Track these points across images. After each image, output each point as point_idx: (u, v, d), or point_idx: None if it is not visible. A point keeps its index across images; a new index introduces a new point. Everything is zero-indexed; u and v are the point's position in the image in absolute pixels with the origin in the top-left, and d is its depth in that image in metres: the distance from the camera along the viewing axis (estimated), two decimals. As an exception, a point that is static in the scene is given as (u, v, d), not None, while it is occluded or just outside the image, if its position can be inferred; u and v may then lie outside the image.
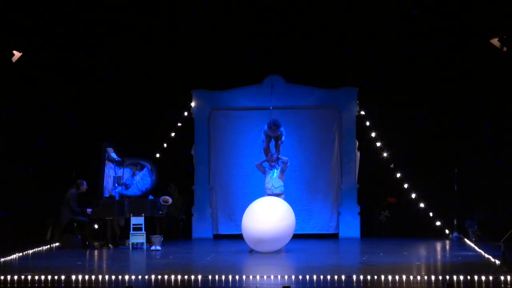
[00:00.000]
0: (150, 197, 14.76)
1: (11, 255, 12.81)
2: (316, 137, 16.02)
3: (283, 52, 15.87)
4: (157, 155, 15.88)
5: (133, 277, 10.28)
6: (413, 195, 15.65)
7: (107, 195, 14.54)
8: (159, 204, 14.60)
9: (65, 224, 14.56)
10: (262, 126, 14.61)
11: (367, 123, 15.88)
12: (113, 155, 14.65)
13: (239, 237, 14.18)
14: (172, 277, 10.23)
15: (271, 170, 14.32)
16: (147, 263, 12.46)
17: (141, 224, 14.15)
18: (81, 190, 14.70)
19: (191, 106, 16.07)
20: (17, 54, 13.46)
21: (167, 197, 14.78)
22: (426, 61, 15.68)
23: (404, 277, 10.06)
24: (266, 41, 15.74)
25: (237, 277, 10.20)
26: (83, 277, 10.27)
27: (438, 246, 14.37)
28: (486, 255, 12.30)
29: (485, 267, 10.89)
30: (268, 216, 13.03)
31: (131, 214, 14.22)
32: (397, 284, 9.75)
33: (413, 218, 15.70)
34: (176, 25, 15.68)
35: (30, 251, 13.61)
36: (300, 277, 10.13)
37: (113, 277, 10.29)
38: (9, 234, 14.51)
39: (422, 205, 15.58)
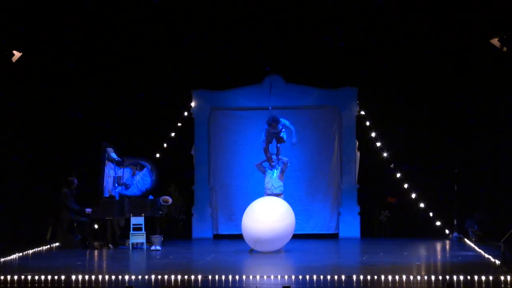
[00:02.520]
0: (150, 197, 14.75)
1: (11, 255, 12.81)
2: (316, 137, 16.01)
3: (283, 52, 15.85)
4: (157, 155, 15.88)
5: (133, 277, 10.29)
6: (413, 195, 15.65)
7: (107, 195, 14.54)
8: (159, 204, 14.59)
9: (67, 225, 14.55)
10: (262, 126, 14.56)
11: (367, 123, 15.88)
12: (113, 155, 14.63)
13: (239, 237, 14.18)
14: (172, 277, 10.23)
15: (271, 170, 14.32)
16: (147, 263, 12.46)
17: (141, 224, 14.14)
18: (73, 187, 14.68)
19: (191, 106, 16.07)
20: (17, 54, 13.45)
21: (167, 197, 14.77)
22: (426, 61, 15.66)
23: (404, 277, 10.07)
24: (266, 41, 15.72)
25: (237, 277, 10.21)
26: (83, 277, 10.28)
27: (438, 246, 14.37)
28: (486, 255, 12.31)
29: (485, 267, 10.89)
30: (268, 216, 13.03)
31: (131, 214, 14.22)
32: (397, 284, 9.75)
33: (413, 218, 15.70)
34: (176, 25, 15.66)
35: (30, 251, 13.61)
36: (300, 277, 10.13)
37: (113, 277, 10.29)
38: (9, 234, 14.50)
39: (422, 205, 15.58)
